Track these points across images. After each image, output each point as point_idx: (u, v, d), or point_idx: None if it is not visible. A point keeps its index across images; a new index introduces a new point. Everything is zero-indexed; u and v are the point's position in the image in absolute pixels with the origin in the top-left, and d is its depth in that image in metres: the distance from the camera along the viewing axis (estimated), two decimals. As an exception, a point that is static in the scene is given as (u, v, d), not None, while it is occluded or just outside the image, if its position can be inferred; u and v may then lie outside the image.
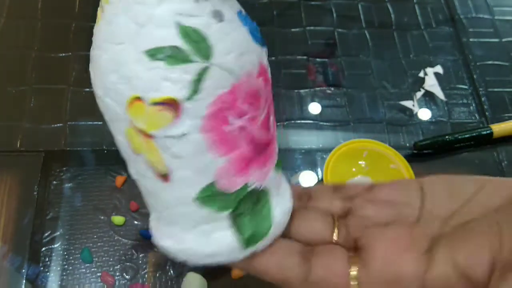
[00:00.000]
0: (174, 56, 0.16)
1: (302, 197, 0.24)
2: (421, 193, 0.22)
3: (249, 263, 0.21)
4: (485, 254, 0.18)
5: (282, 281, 0.21)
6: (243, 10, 0.19)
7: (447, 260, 0.19)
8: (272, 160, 0.21)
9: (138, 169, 0.19)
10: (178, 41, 0.16)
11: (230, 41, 0.17)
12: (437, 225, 0.20)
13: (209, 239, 0.20)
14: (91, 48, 0.18)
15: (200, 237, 0.20)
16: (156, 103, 0.17)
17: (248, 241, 0.20)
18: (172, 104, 0.17)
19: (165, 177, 0.19)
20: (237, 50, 0.18)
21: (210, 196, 0.19)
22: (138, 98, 0.17)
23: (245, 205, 0.20)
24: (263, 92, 0.19)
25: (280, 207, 0.21)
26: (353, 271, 0.20)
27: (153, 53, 0.16)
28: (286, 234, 0.22)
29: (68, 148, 0.41)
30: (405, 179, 0.23)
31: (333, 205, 0.23)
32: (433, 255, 0.19)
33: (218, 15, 0.17)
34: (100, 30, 0.18)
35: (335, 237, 0.22)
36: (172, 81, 0.17)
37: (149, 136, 0.18)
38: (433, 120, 0.47)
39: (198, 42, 0.16)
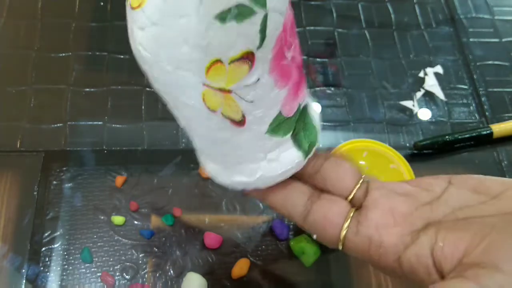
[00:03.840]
0: (241, 12, 0.17)
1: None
2: (447, 185, 0.22)
3: (264, 194, 0.24)
4: (460, 249, 0.19)
5: (286, 215, 0.24)
6: None
7: (428, 243, 0.20)
8: (304, 76, 0.24)
9: (210, 125, 0.21)
10: None
11: None
12: (444, 212, 0.21)
13: (278, 161, 0.23)
14: (138, 28, 0.18)
15: (271, 163, 0.23)
16: (235, 60, 0.18)
17: (308, 151, 0.24)
18: (248, 57, 0.18)
19: (240, 123, 0.21)
20: None
21: (278, 125, 0.22)
22: (218, 61, 0.18)
23: (299, 124, 0.23)
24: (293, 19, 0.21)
25: (316, 114, 0.26)
26: (347, 223, 0.22)
27: (223, 16, 0.17)
28: (316, 172, 0.25)
29: (68, 148, 0.42)
30: (435, 177, 0.24)
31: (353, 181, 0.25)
32: (420, 236, 0.20)
33: None
34: (153, 8, 0.17)
35: (354, 190, 0.24)
36: (245, 35, 0.18)
37: (228, 91, 0.19)
38: (433, 120, 0.47)
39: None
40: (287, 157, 0.23)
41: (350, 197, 0.24)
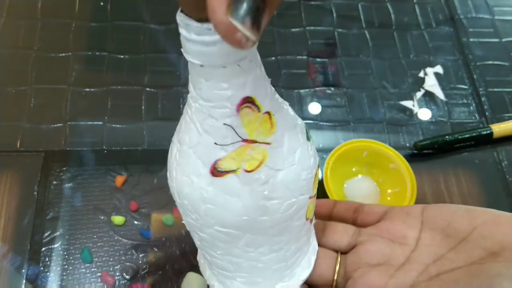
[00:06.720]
0: (308, 136, 0.23)
1: (317, 231, 0.29)
2: (419, 229, 0.25)
3: None
4: None
5: None
6: None
7: None
8: None
9: (299, 235, 0.25)
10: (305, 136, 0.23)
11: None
12: (417, 270, 0.23)
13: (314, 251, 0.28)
14: (262, 184, 0.21)
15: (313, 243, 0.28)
16: (319, 166, 0.25)
17: None
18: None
19: (311, 220, 0.26)
20: None
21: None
22: (316, 173, 0.24)
23: None
24: None
25: None
26: None
27: (308, 138, 0.23)
28: None
29: (68, 148, 0.42)
30: (411, 209, 0.27)
31: (342, 240, 0.28)
32: None
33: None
34: (276, 159, 0.21)
35: (335, 276, 0.27)
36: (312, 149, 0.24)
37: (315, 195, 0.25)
38: (433, 120, 0.47)
39: (307, 132, 0.24)
40: (315, 245, 0.28)
41: (334, 285, 0.27)
